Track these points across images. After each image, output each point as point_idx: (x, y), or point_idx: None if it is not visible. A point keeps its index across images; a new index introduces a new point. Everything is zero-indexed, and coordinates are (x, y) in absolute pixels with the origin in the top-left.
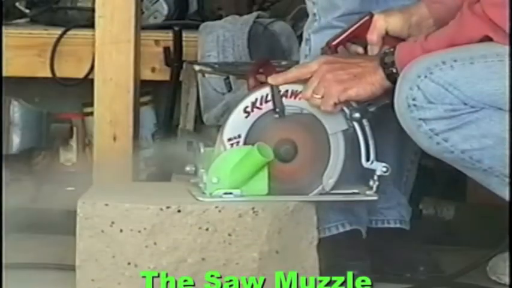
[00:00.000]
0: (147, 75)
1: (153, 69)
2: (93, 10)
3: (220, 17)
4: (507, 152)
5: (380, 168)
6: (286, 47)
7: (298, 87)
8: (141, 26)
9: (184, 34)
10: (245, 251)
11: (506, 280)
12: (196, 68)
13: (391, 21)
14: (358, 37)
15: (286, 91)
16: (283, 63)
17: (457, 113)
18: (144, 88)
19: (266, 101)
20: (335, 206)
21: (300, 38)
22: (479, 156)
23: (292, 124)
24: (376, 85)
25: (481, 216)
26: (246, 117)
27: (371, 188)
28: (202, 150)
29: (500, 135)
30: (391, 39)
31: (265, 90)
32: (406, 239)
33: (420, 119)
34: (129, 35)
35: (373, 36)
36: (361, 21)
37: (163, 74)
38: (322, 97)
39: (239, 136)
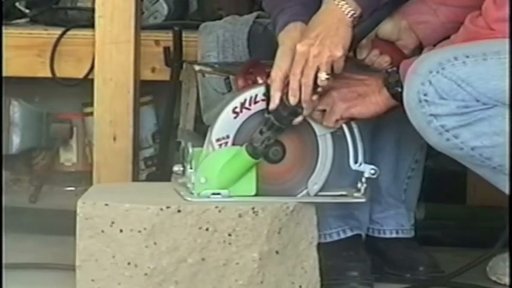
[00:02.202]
0: (147, 75)
1: (153, 69)
2: (93, 10)
3: (220, 17)
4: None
5: (368, 170)
6: None
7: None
8: (141, 26)
9: (184, 34)
10: (245, 251)
11: (506, 280)
12: (196, 68)
13: (380, 24)
14: None
15: None
16: None
17: (469, 109)
18: (144, 88)
19: (255, 102)
20: (335, 211)
21: None
22: (490, 154)
23: None
24: (381, 104)
25: (480, 217)
26: (235, 117)
27: (359, 190)
28: (190, 150)
29: None
30: (380, 42)
31: (255, 91)
32: (406, 239)
33: (431, 114)
34: (129, 35)
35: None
36: None
37: (163, 74)
38: (323, 111)
39: (227, 137)
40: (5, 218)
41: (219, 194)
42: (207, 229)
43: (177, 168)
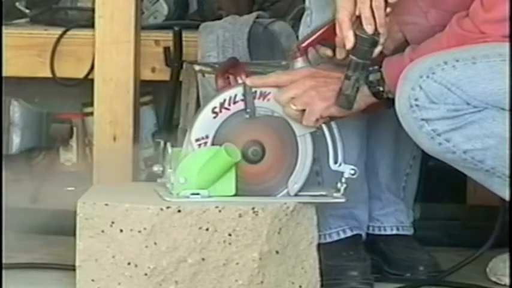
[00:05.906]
0: (147, 75)
1: (153, 69)
2: (93, 10)
3: (220, 17)
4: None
5: (348, 170)
6: (286, 47)
7: (267, 89)
8: (141, 26)
9: (184, 34)
10: (245, 251)
11: (506, 281)
12: (196, 68)
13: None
14: (327, 39)
15: (255, 92)
16: (283, 63)
17: (459, 113)
18: (144, 88)
19: (235, 102)
20: (335, 211)
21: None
22: (482, 157)
23: (260, 125)
24: (360, 102)
25: (480, 217)
26: (214, 117)
27: (339, 190)
28: (170, 150)
29: (503, 135)
30: None
31: (234, 91)
32: (406, 239)
33: (422, 119)
34: (129, 35)
35: (341, 39)
36: (330, 24)
37: (163, 74)
38: (303, 110)
39: (207, 137)
40: (5, 218)
41: (198, 194)
42: (207, 229)
43: (156, 168)
